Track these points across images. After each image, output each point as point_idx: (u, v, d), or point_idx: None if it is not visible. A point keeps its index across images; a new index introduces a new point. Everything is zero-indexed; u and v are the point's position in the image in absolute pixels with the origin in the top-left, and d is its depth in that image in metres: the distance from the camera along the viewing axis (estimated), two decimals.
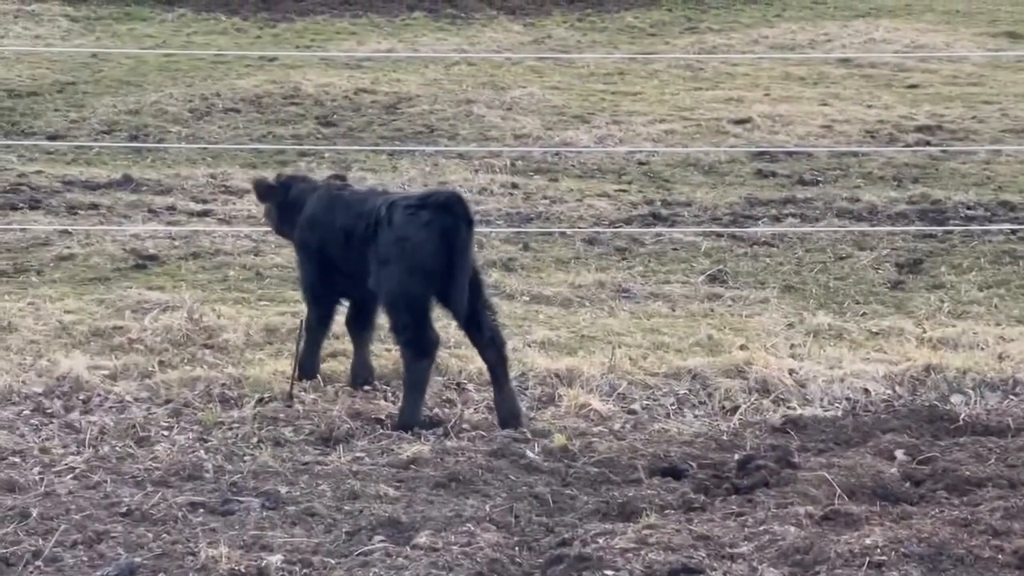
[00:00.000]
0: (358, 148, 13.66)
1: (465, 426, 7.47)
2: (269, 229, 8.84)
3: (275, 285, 9.79)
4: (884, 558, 5.47)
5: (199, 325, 8.63)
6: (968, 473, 6.59)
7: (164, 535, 6.03)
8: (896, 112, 15.54)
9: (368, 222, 7.50)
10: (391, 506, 6.35)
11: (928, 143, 14.33)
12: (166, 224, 11.26)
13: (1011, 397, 7.92)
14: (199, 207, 11.80)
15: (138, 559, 5.78)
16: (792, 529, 5.86)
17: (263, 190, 8.16)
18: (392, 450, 7.10)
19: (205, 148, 13.60)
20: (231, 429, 7.35)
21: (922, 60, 18.29)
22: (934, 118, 15.29)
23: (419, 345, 7.34)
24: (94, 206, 11.68)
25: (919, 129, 14.89)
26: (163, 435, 7.30)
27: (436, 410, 7.63)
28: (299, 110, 15.24)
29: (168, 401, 7.66)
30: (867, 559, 5.46)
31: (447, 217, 7.30)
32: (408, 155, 13.47)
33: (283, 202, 8.03)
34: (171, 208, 11.72)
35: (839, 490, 6.39)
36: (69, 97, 15.63)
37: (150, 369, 8.00)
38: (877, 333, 8.96)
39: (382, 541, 5.99)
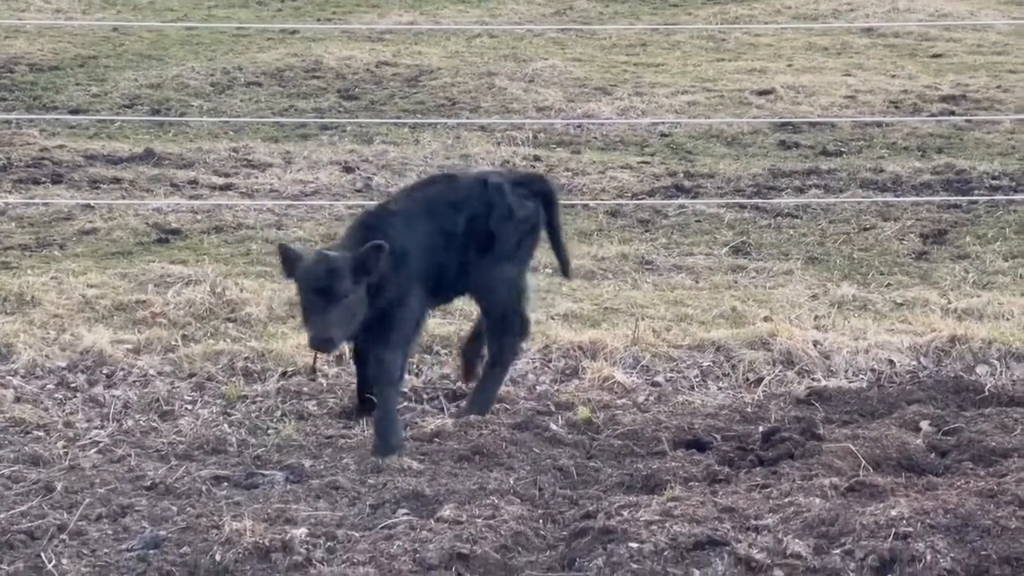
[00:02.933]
0: (380, 121, 13.63)
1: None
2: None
3: None
4: (909, 529, 5.44)
5: (222, 299, 8.63)
6: (994, 444, 6.56)
7: (188, 508, 6.04)
8: (920, 82, 15.44)
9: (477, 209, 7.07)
10: (415, 479, 6.34)
11: (952, 113, 14.25)
12: (188, 198, 11.26)
13: None
14: (221, 181, 11.79)
15: (162, 532, 5.79)
16: (817, 501, 5.84)
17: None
18: (416, 423, 7.10)
19: (227, 122, 13.59)
20: (255, 403, 7.36)
21: (946, 29, 18.16)
22: (958, 87, 15.19)
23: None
24: (116, 180, 11.69)
25: (943, 99, 14.80)
26: (187, 409, 7.31)
27: (460, 383, 7.62)
28: (321, 83, 15.21)
29: (191, 375, 7.67)
30: (892, 530, 5.44)
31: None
32: (430, 128, 13.44)
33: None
34: (193, 182, 11.72)
35: (864, 461, 6.36)
36: (91, 71, 15.63)
37: (173, 343, 8.00)
38: (902, 304, 8.91)
39: (406, 514, 5.99)
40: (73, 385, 7.56)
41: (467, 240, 7.03)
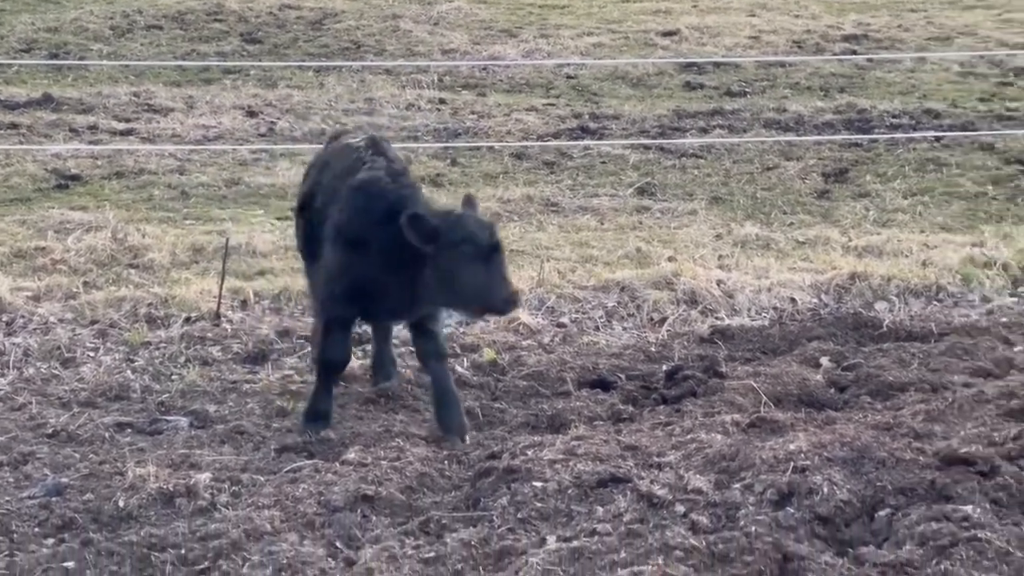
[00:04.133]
0: (283, 65, 13.51)
1: (395, 341, 7.46)
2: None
3: (201, 204, 9.70)
4: (808, 463, 5.53)
5: (124, 245, 8.54)
6: (891, 378, 6.68)
7: (91, 455, 6.00)
8: (823, 21, 15.56)
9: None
10: None
11: (854, 52, 14.38)
12: (88, 143, 11.11)
13: (934, 303, 8.02)
14: (122, 126, 11.64)
15: (65, 479, 5.75)
16: (719, 437, 5.91)
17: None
18: None
19: (127, 66, 13.40)
20: (158, 349, 7.31)
21: None
22: (860, 27, 15.33)
23: None
24: (14, 126, 11.50)
25: (846, 38, 14.94)
26: (89, 356, 7.24)
27: (365, 327, 7.61)
28: (223, 27, 15.03)
29: (93, 322, 7.59)
30: (791, 464, 5.52)
31: None
32: (335, 72, 13.34)
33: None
34: (93, 127, 11.56)
35: (765, 398, 6.45)
36: None
37: (74, 290, 7.92)
38: (804, 243, 9.02)
39: (311, 458, 5.99)
40: None
41: None
